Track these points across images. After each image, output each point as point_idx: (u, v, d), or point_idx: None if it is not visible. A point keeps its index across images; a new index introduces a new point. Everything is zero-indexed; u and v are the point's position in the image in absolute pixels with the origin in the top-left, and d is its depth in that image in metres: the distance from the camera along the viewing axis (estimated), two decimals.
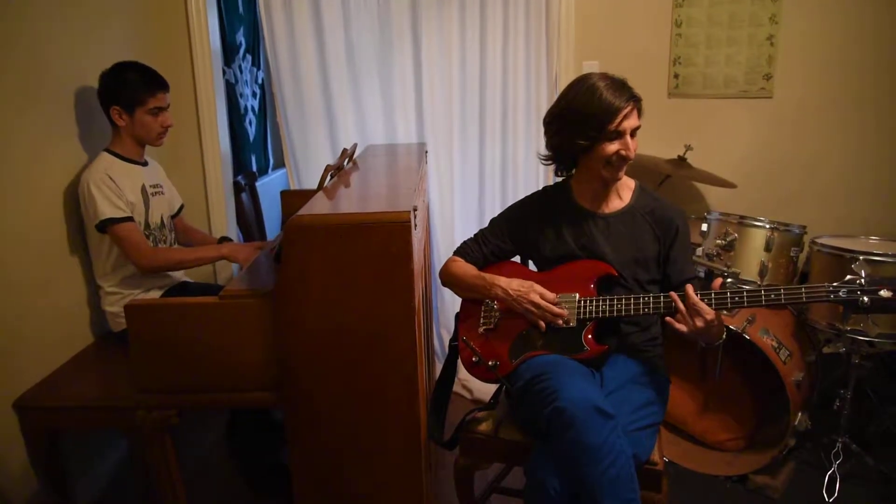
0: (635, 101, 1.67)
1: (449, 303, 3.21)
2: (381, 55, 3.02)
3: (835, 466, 2.26)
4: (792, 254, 2.44)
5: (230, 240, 2.67)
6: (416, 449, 1.65)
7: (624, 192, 1.84)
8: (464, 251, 1.94)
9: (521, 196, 3.06)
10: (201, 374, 1.63)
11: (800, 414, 2.29)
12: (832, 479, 2.24)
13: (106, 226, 2.11)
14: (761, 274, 2.41)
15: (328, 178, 2.00)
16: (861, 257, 2.18)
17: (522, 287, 1.74)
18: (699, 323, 1.57)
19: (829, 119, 3.00)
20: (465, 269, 1.89)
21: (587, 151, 1.71)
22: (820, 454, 2.42)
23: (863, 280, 1.50)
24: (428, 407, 1.87)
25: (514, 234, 1.91)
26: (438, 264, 3.15)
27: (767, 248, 2.41)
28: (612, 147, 1.67)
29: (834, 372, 2.75)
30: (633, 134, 1.69)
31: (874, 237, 2.56)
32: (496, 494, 2.09)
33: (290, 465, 1.69)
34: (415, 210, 1.61)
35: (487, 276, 1.82)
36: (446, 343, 3.24)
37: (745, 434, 2.50)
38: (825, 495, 2.20)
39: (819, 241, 2.42)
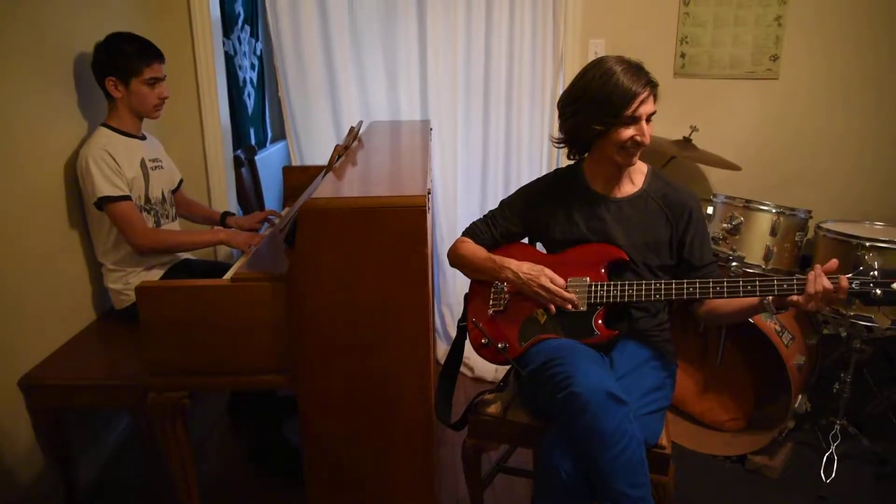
0: (652, 86, 1.65)
1: (450, 280, 3.21)
2: (384, 28, 2.96)
3: (832, 448, 2.30)
4: (797, 238, 2.45)
5: (232, 214, 2.64)
6: (426, 432, 1.66)
7: (636, 177, 1.83)
8: (472, 232, 1.93)
9: (525, 174, 3.11)
10: (213, 357, 1.62)
11: (800, 396, 2.32)
12: (829, 460, 2.28)
13: (103, 204, 2.08)
14: (766, 258, 2.41)
15: (336, 158, 1.97)
16: (867, 244, 2.19)
17: (532, 271, 1.74)
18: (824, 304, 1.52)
19: (836, 101, 2.99)
20: (475, 250, 1.88)
21: (602, 136, 1.69)
22: (817, 435, 2.46)
23: (875, 272, 1.50)
24: (435, 388, 1.87)
25: (524, 217, 1.90)
26: (440, 242, 3.14)
27: (773, 233, 2.41)
28: (628, 132, 1.66)
29: (832, 353, 2.78)
30: (648, 119, 1.67)
31: (879, 223, 2.56)
32: (501, 474, 2.11)
33: (302, 446, 1.69)
34: (428, 193, 1.60)
35: (497, 258, 1.81)
36: (447, 320, 3.26)
37: (744, 415, 2.53)
38: (822, 476, 2.24)
39: (825, 226, 2.43)
